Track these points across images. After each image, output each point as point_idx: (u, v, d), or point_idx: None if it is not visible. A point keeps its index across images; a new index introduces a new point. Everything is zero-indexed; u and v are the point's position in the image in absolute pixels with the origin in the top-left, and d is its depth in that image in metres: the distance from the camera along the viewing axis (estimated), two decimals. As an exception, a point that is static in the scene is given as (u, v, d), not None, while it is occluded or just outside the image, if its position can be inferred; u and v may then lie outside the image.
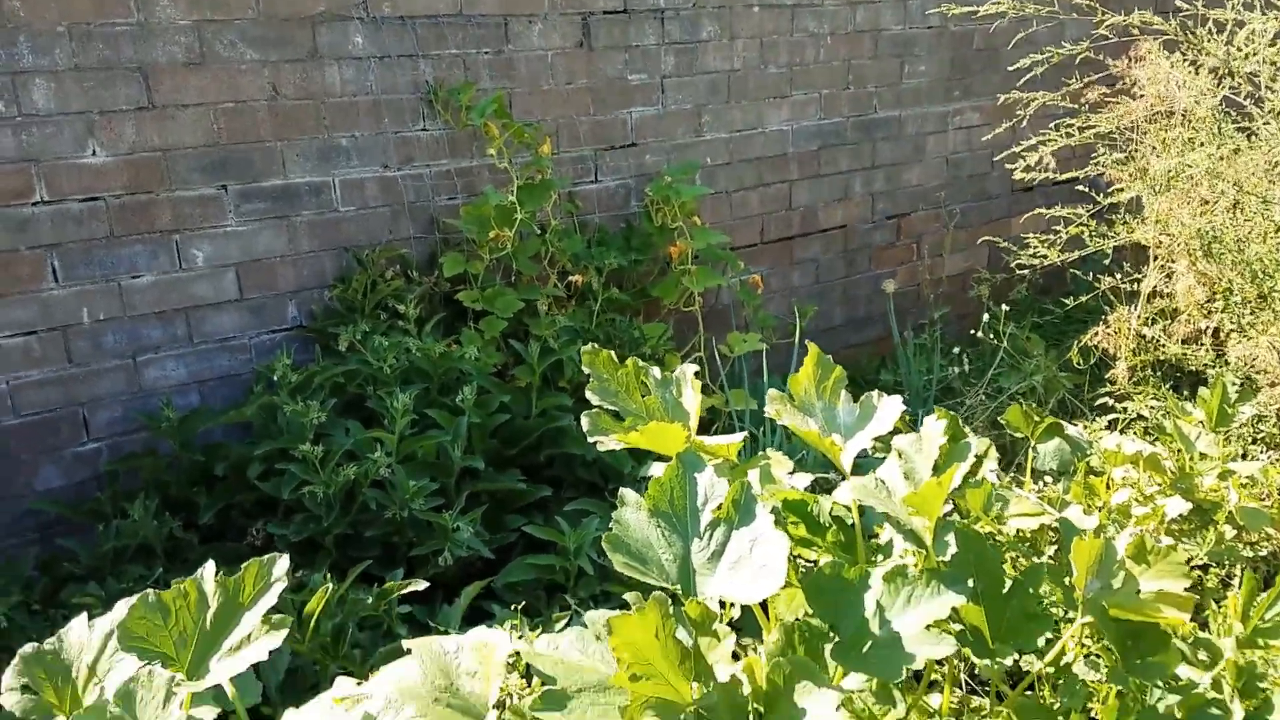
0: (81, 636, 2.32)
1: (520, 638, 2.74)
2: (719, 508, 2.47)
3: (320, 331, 3.84)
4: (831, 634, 2.39)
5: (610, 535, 2.41)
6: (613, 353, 2.83)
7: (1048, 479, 3.87)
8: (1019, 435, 3.44)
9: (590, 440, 2.70)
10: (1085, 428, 4.14)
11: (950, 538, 2.44)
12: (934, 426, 2.61)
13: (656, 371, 2.88)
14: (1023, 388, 4.74)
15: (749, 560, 2.40)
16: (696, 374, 2.88)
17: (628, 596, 2.18)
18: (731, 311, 5.19)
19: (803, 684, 2.23)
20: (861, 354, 5.85)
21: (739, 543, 2.43)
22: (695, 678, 2.19)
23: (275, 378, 3.46)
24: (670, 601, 2.18)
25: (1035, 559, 3.01)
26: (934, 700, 2.44)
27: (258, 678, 2.71)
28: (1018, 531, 3.16)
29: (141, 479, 3.47)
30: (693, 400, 2.83)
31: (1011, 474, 3.96)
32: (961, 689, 2.81)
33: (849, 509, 2.78)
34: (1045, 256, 4.30)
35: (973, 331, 4.80)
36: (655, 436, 2.63)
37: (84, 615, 2.37)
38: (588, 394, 2.77)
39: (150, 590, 2.15)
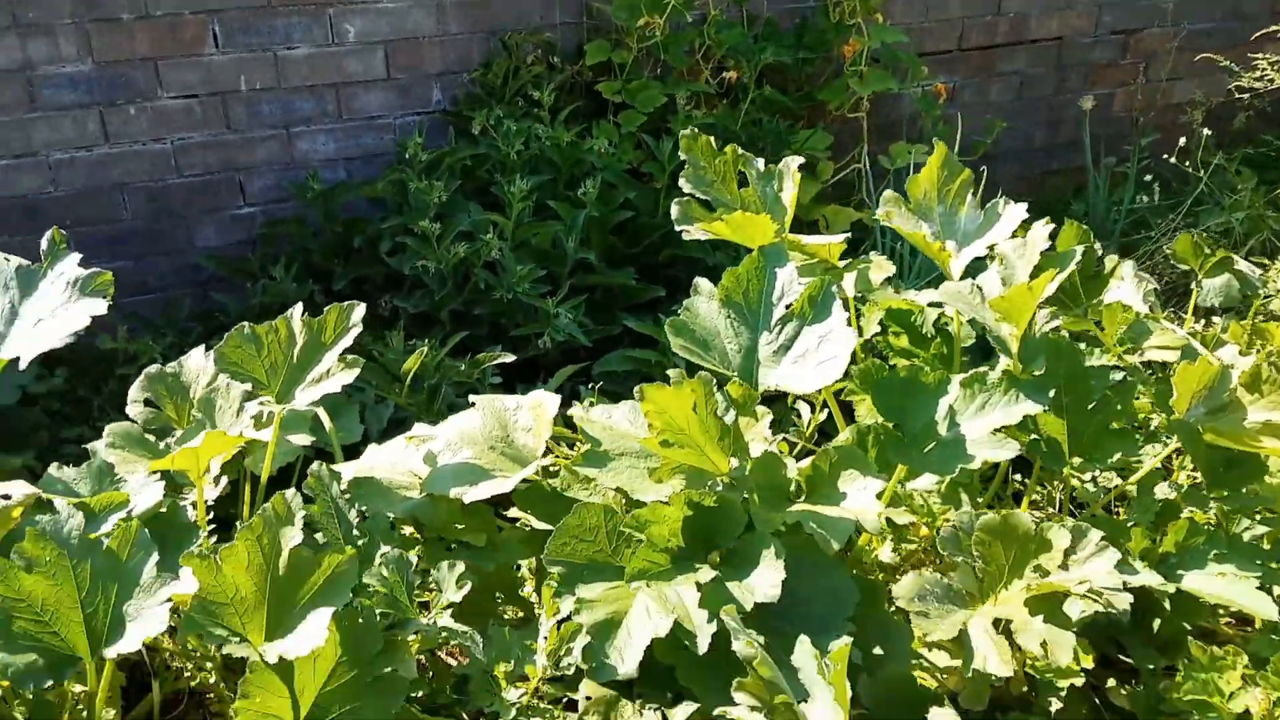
0: (199, 364, 2.56)
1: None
2: (794, 303, 2.40)
3: (459, 115, 3.89)
4: (898, 432, 2.32)
5: (675, 320, 2.40)
6: (712, 139, 2.73)
7: (1216, 318, 3.53)
8: (1186, 268, 3.13)
9: (677, 229, 2.65)
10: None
11: (1038, 347, 2.28)
12: (1039, 231, 2.39)
13: (759, 163, 2.77)
14: (1220, 225, 4.26)
15: (814, 354, 2.33)
16: (800, 167, 2.75)
17: (671, 373, 2.17)
18: (904, 125, 4.86)
19: (849, 471, 2.19)
20: (1060, 181, 5.37)
21: (808, 338, 2.35)
22: (733, 453, 2.19)
23: (407, 156, 3.56)
24: (715, 382, 2.17)
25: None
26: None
27: (362, 422, 2.93)
28: (1149, 362, 2.92)
29: (288, 245, 3.71)
30: (790, 195, 2.71)
31: (1171, 309, 3.62)
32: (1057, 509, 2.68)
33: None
34: (1272, 81, 3.75)
35: (1166, 156, 4.31)
36: (740, 227, 2.54)
37: (202, 346, 2.60)
38: (680, 181, 2.70)
39: (245, 323, 2.33)
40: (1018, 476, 2.78)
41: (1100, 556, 1.88)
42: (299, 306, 2.40)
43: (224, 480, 2.39)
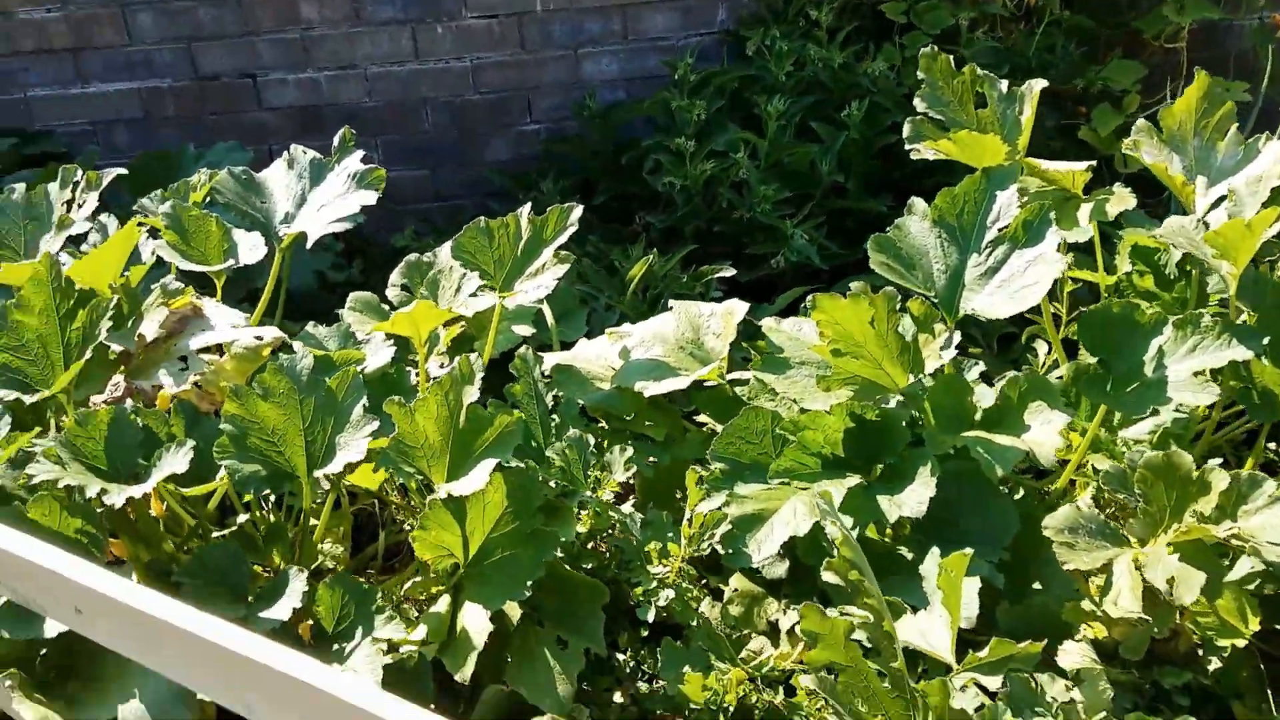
0: (447, 258, 2.87)
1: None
2: (1007, 226, 2.29)
3: (738, 37, 3.95)
4: (1102, 370, 2.17)
5: (880, 237, 2.37)
6: (951, 59, 2.62)
7: None
8: None
9: (907, 148, 2.59)
10: None
11: (1257, 289, 2.03)
12: (1275, 168, 2.11)
13: (1003, 85, 2.62)
14: None
15: (1019, 279, 2.24)
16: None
17: (853, 285, 2.15)
18: (1233, 62, 4.30)
19: (1036, 403, 2.11)
20: None
21: (1016, 262, 2.26)
22: (911, 371, 2.15)
23: (676, 76, 3.69)
24: (900, 297, 2.14)
25: None
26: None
27: (588, 325, 3.14)
28: None
29: (565, 161, 3.98)
30: (1027, 118, 2.55)
31: None
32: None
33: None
34: None
35: None
36: (968, 147, 2.44)
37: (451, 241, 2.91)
38: (916, 100, 2.62)
39: (482, 218, 2.59)
40: (1272, 445, 2.48)
41: (1271, 510, 1.67)
42: (528, 206, 2.62)
43: (453, 361, 2.69)
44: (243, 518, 2.24)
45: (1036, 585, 2.05)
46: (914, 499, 1.97)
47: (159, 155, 3.66)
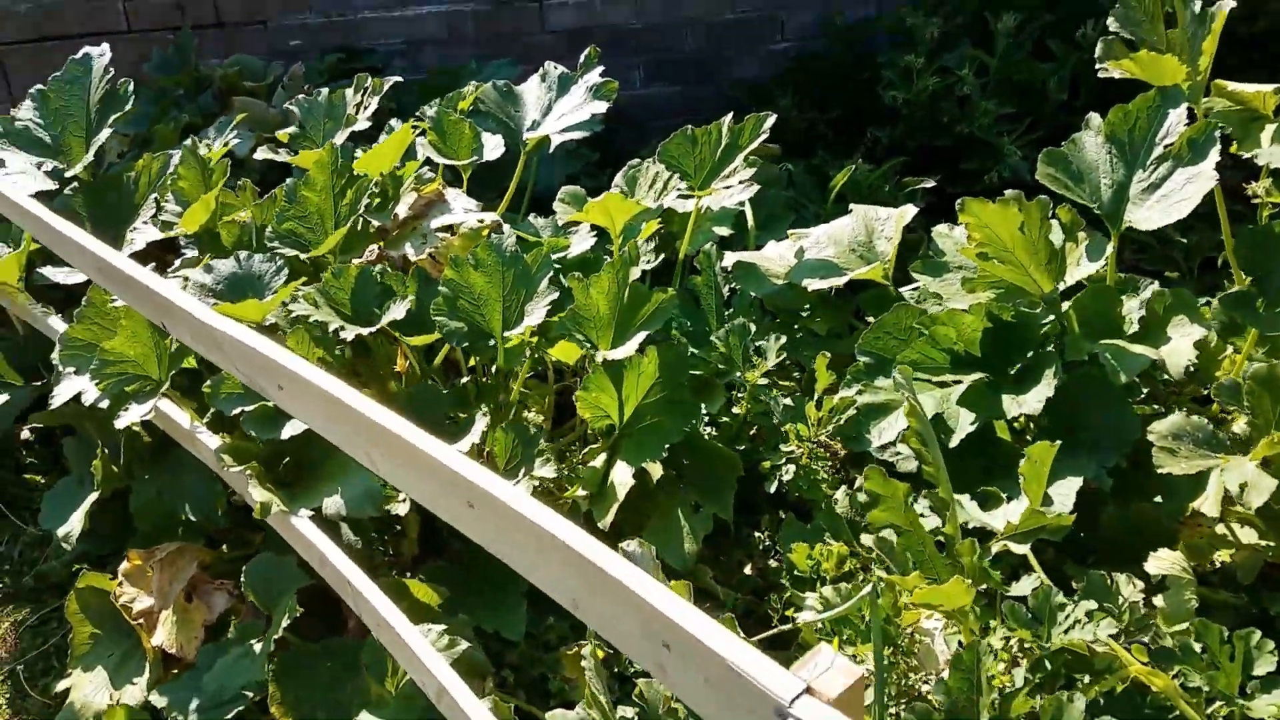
0: (654, 168, 3.16)
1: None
2: (1173, 143, 2.26)
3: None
4: (1254, 289, 2.13)
5: (1053, 151, 2.42)
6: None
7: None
8: None
9: (1095, 67, 2.57)
10: None
11: None
12: None
13: (1196, 4, 2.52)
14: None
15: (1177, 194, 2.24)
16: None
17: (1008, 193, 2.21)
18: None
19: (1178, 317, 2.12)
20: None
21: (1177, 179, 2.30)
22: (1056, 278, 2.21)
23: (917, -8, 3.72)
24: (1050, 204, 2.20)
25: None
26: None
27: (792, 228, 3.32)
28: None
29: (807, 77, 4.12)
30: (1210, 39, 2.43)
31: None
32: None
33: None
34: None
35: None
36: (1149, 67, 2.43)
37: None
38: (1109, 19, 2.59)
39: (689, 126, 2.86)
40: None
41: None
42: (730, 115, 2.84)
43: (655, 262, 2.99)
44: (464, 380, 2.69)
45: (1157, 499, 2.07)
46: (1034, 398, 2.05)
47: (447, 71, 4.21)
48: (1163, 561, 1.89)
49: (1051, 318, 2.19)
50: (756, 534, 2.48)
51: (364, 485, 2.19)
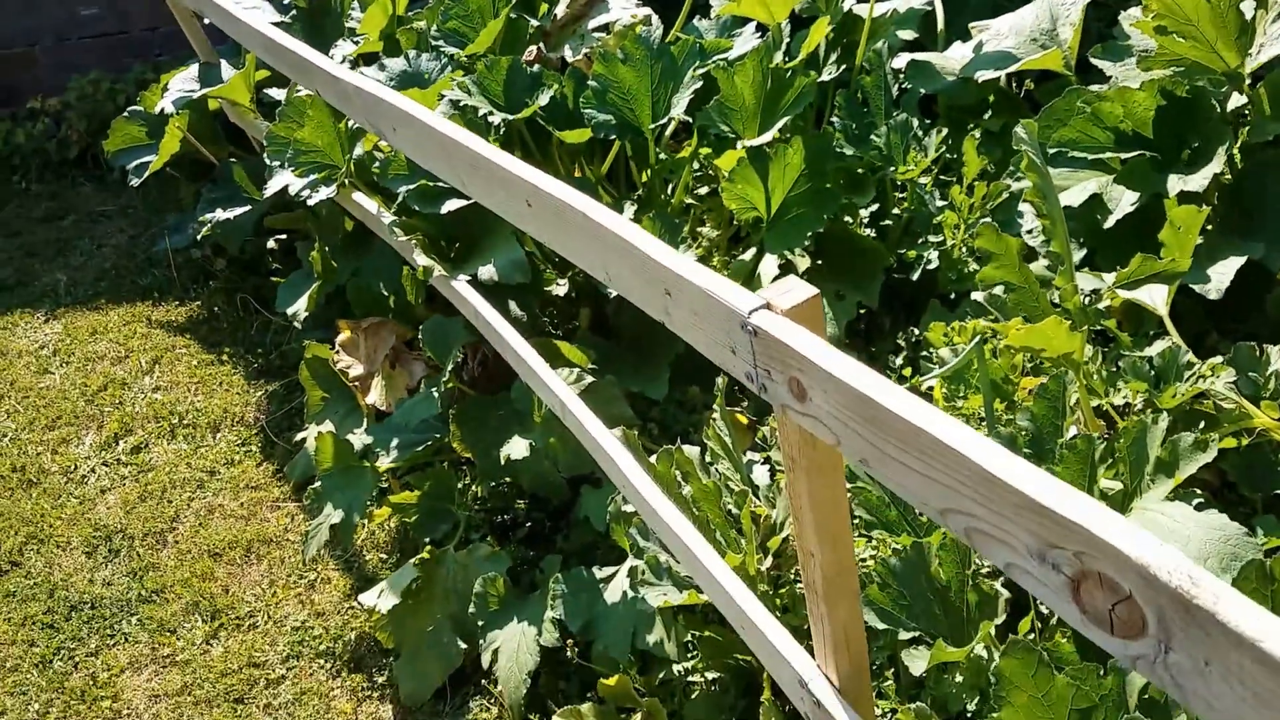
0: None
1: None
2: None
3: None
4: None
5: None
6: None
7: None
8: None
9: None
10: None
11: None
12: None
13: None
14: None
15: None
16: None
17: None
18: None
19: None
20: None
21: None
22: (1244, 53, 1.92)
23: None
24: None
25: None
26: None
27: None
28: None
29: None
30: None
31: None
32: None
33: None
34: None
35: None
36: None
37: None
38: None
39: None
40: None
41: None
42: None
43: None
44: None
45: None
46: (1201, 176, 1.82)
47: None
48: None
49: (1238, 96, 1.90)
50: (914, 329, 2.38)
51: (512, 256, 2.31)
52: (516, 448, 2.23)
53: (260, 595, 2.53)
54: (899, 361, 2.27)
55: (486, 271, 2.31)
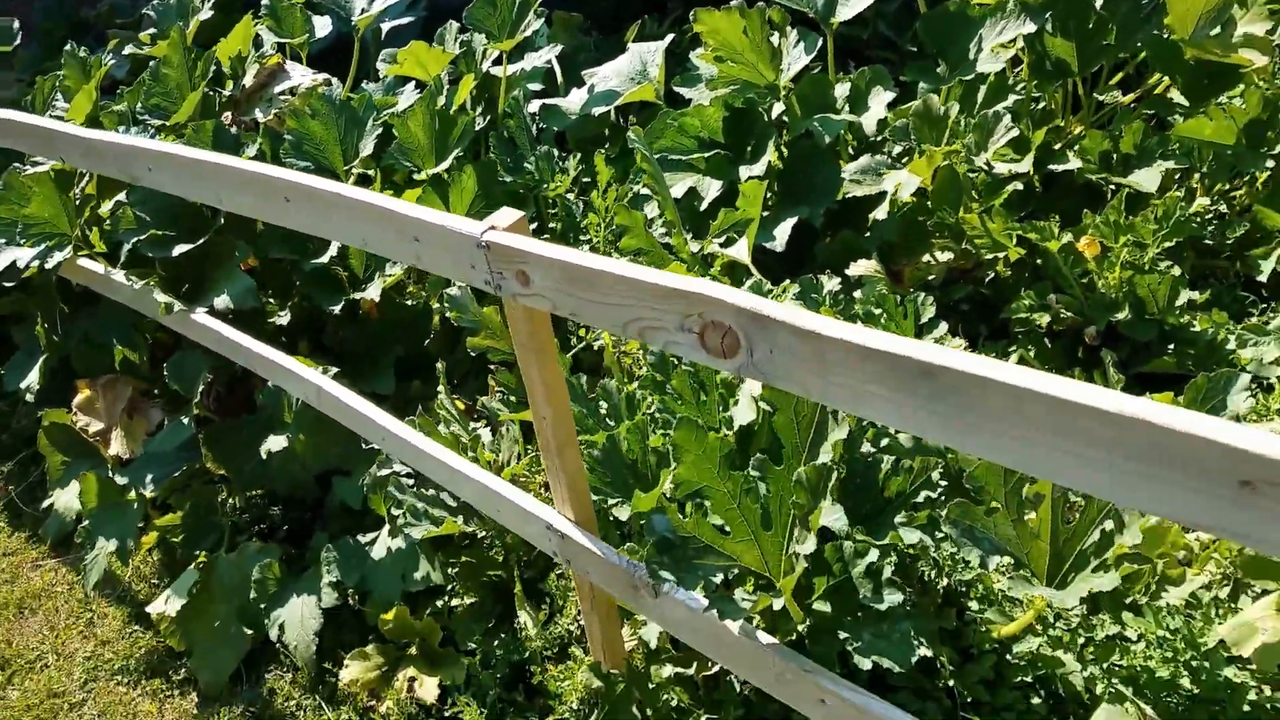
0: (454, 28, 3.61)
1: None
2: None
3: None
4: (938, 64, 2.69)
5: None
6: None
7: None
8: None
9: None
10: None
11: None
12: None
13: None
14: None
15: None
16: None
17: (734, 3, 2.74)
18: None
19: (876, 88, 2.69)
20: None
21: None
22: (778, 71, 2.75)
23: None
24: (766, 9, 2.72)
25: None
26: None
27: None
28: None
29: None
30: None
31: None
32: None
33: None
34: None
35: None
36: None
37: None
38: None
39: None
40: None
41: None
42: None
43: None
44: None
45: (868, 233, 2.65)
46: (760, 165, 2.61)
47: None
48: (859, 266, 2.46)
49: (779, 104, 2.74)
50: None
51: (243, 285, 2.68)
52: (274, 443, 2.60)
53: (44, 639, 2.69)
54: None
55: (221, 301, 2.67)
